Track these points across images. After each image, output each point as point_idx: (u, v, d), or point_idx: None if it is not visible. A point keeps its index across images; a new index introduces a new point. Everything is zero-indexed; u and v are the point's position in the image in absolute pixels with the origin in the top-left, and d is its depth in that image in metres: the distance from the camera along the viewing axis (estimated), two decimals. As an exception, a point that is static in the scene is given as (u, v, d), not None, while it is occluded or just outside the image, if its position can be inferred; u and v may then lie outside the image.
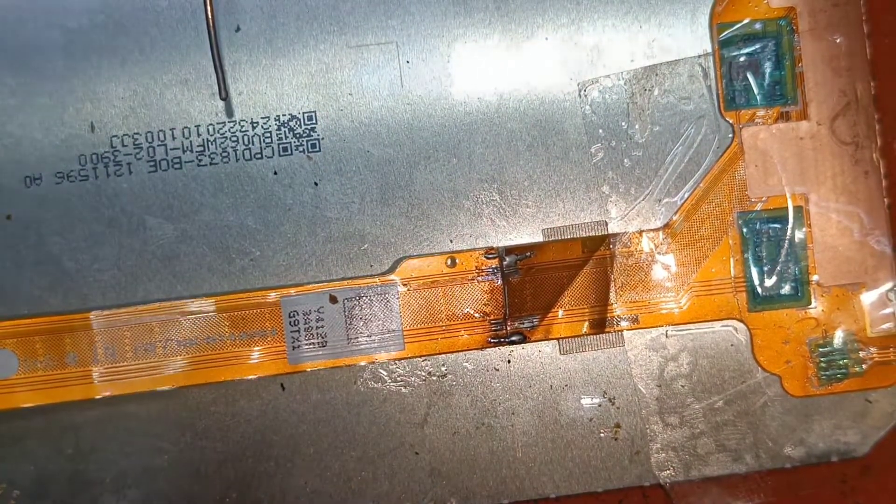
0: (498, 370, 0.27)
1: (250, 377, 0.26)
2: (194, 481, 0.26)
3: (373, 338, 0.26)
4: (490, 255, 0.27)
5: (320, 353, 0.26)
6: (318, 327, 0.26)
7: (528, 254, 0.27)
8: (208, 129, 0.26)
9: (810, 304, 0.27)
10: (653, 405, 0.27)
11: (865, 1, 0.27)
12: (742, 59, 0.27)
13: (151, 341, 0.26)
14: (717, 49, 0.27)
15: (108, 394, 0.26)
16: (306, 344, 0.26)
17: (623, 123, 0.27)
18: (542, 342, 0.27)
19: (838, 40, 0.27)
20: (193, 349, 0.26)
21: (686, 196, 0.27)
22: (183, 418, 0.26)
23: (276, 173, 0.26)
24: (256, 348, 0.26)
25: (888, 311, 0.27)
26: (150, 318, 0.26)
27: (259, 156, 0.26)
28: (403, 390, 0.27)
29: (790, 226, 0.27)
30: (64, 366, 0.26)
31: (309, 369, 0.26)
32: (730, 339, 0.27)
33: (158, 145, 0.26)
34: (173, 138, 0.26)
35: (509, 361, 0.27)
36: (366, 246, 0.26)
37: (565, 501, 0.27)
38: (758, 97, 0.27)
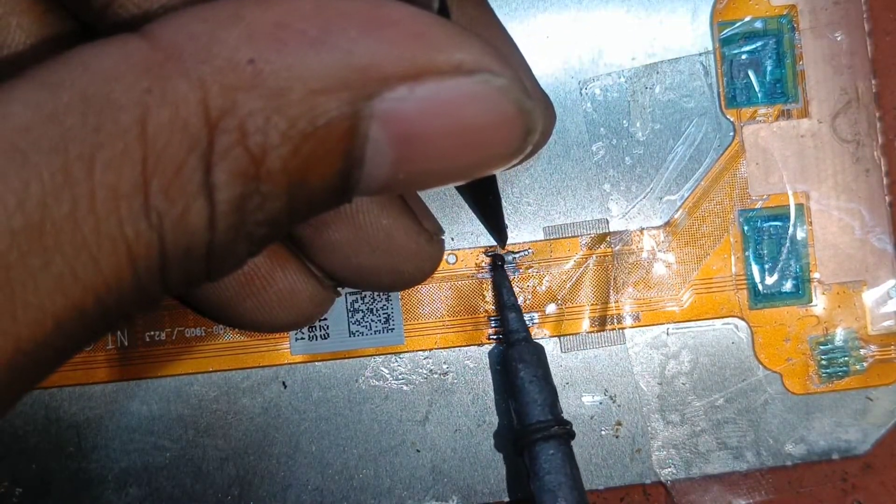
0: (499, 368, 0.27)
1: (254, 368, 0.26)
2: (196, 479, 0.26)
3: (374, 332, 0.26)
4: (490, 253, 0.27)
5: (322, 345, 0.26)
6: (321, 320, 0.26)
7: (529, 251, 0.27)
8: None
9: (811, 301, 0.27)
10: (654, 403, 0.27)
11: (866, -1, 0.27)
12: (743, 56, 0.27)
13: (161, 329, 0.26)
14: (718, 47, 0.27)
15: (116, 378, 0.26)
16: (309, 336, 0.26)
17: (624, 121, 0.27)
18: (543, 340, 0.27)
19: (839, 38, 0.27)
20: (201, 339, 0.26)
21: (687, 194, 0.27)
22: (185, 416, 0.26)
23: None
24: (261, 339, 0.26)
25: (889, 308, 0.27)
26: (160, 307, 0.26)
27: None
28: (405, 388, 0.27)
29: (791, 223, 0.27)
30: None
31: (311, 361, 0.26)
32: (731, 336, 0.27)
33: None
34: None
35: (510, 359, 0.27)
36: (367, 244, 0.26)
37: (566, 499, 0.27)
38: (759, 95, 0.27)
